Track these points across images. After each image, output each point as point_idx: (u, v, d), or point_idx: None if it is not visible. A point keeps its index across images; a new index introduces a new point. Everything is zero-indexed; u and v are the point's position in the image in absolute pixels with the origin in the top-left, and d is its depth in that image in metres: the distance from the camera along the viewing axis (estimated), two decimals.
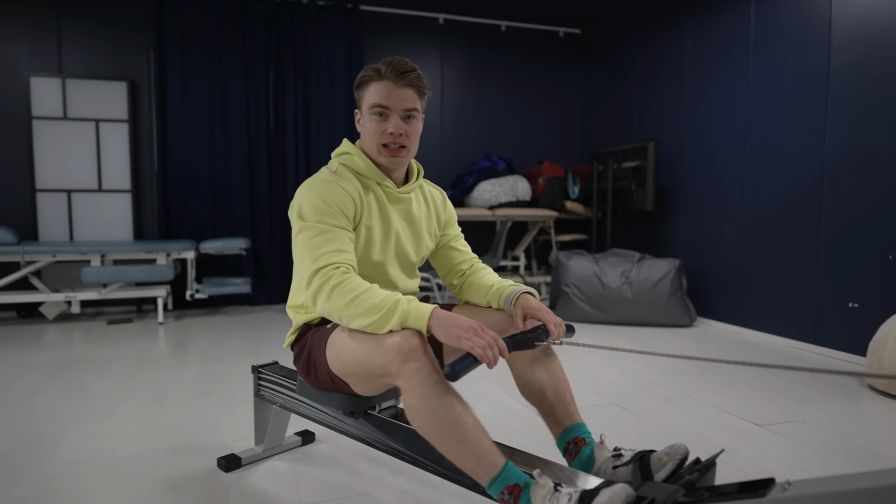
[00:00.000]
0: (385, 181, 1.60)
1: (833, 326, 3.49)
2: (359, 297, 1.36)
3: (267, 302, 5.24)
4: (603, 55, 5.73)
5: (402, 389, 1.30)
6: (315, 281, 1.42)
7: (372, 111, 1.55)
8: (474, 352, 1.24)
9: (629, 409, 2.58)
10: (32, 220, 4.73)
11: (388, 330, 1.33)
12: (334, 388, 1.58)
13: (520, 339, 1.39)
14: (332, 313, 1.40)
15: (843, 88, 3.39)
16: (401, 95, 1.53)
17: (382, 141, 1.56)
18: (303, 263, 1.46)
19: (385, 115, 1.54)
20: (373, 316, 1.34)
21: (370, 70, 1.56)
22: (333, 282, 1.40)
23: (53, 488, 1.81)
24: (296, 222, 1.51)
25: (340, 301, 1.38)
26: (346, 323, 1.39)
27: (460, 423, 1.25)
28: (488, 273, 1.75)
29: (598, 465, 1.44)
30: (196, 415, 2.47)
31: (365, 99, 1.57)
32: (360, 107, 1.61)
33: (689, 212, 4.62)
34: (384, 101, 1.53)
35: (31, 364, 3.26)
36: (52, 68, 4.73)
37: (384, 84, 1.53)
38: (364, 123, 1.59)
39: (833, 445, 2.20)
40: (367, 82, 1.56)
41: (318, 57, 5.25)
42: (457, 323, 1.29)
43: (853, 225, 3.36)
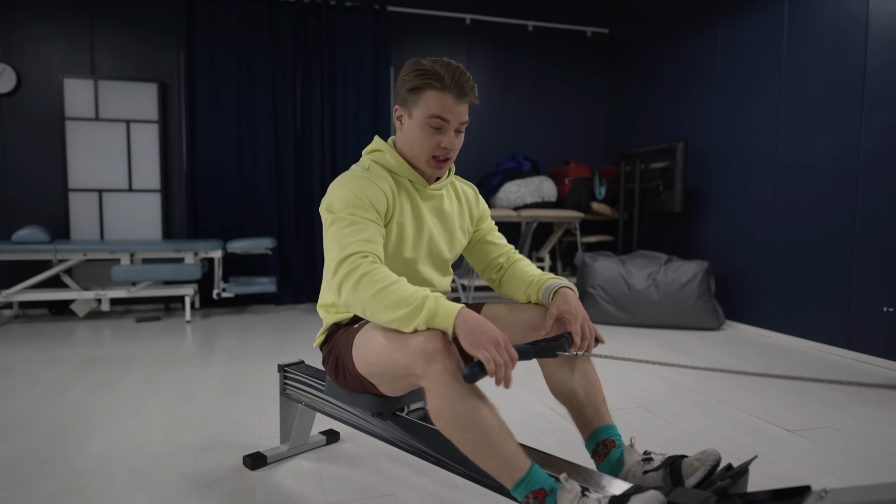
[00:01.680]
0: (417, 179, 1.58)
1: (866, 331, 3.40)
2: (386, 289, 1.32)
3: (292, 301, 5.27)
4: (631, 55, 5.67)
5: (427, 391, 1.29)
6: (342, 269, 1.38)
7: (429, 122, 1.48)
8: (487, 366, 1.20)
9: (656, 412, 2.54)
10: (65, 220, 4.82)
11: (413, 328, 1.29)
12: (362, 388, 1.56)
13: (542, 346, 1.35)
14: (357, 304, 1.35)
15: (880, 87, 3.31)
16: (460, 110, 1.49)
17: (434, 153, 1.52)
18: (330, 253, 1.42)
19: (442, 128, 1.49)
20: (400, 310, 1.30)
21: (429, 76, 1.47)
22: (361, 271, 1.35)
23: (83, 483, 1.84)
24: (326, 216, 1.48)
25: (367, 291, 1.33)
26: (371, 316, 1.34)
27: (485, 426, 1.23)
28: (526, 265, 1.71)
29: (627, 469, 1.41)
30: (222, 413, 2.49)
31: (420, 106, 1.49)
32: (406, 107, 1.53)
33: (719, 213, 4.55)
34: (444, 115, 1.47)
35: (62, 360, 3.31)
36: (84, 70, 4.82)
37: (446, 96, 1.47)
38: (413, 130, 1.52)
39: (867, 453, 2.14)
40: (425, 89, 1.48)
41: (345, 58, 5.27)
42: (482, 329, 1.24)
43: (888, 227, 3.27)
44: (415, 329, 1.30)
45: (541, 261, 5.72)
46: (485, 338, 1.23)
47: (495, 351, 1.21)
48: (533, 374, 3.06)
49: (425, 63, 1.49)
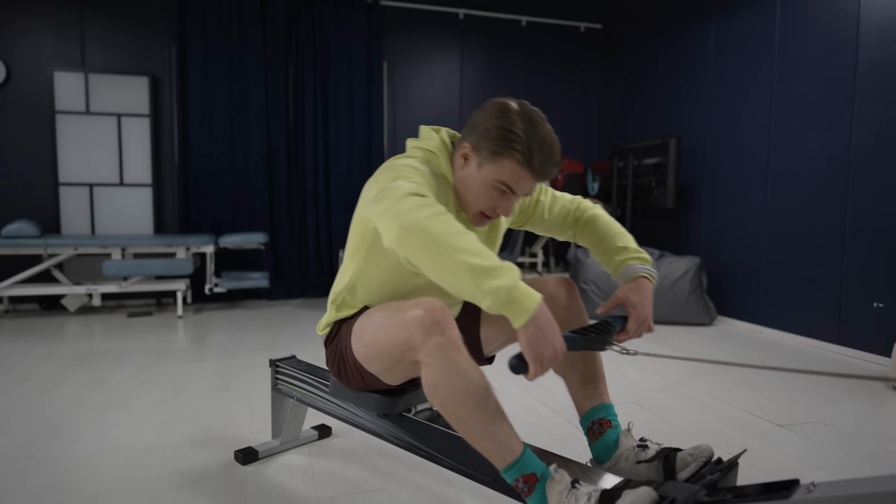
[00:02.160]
0: (461, 213, 1.47)
1: (857, 326, 3.43)
2: (468, 234, 1.15)
3: (285, 297, 5.26)
4: (625, 51, 5.67)
5: (423, 364, 1.24)
6: (414, 198, 1.19)
7: (496, 185, 1.37)
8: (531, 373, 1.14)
9: (648, 407, 2.55)
10: (55, 214, 4.79)
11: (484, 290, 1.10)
12: (365, 385, 1.51)
13: (592, 338, 1.27)
14: (427, 234, 1.13)
15: (872, 85, 3.32)
16: (532, 187, 1.40)
17: (485, 210, 1.42)
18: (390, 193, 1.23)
19: (506, 195, 1.39)
20: (480, 259, 1.11)
21: (518, 148, 1.33)
22: (439, 209, 1.18)
23: (73, 479, 1.83)
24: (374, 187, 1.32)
25: (444, 226, 1.14)
26: (437, 252, 1.12)
27: (482, 405, 1.21)
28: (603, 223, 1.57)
29: (621, 452, 1.42)
30: (214, 408, 2.48)
31: (493, 167, 1.36)
32: (479, 154, 1.38)
33: (711, 209, 4.56)
34: (514, 187, 1.37)
35: (53, 355, 3.30)
36: (75, 63, 4.78)
37: (527, 174, 1.36)
38: (476, 182, 1.39)
39: (856, 447, 2.15)
40: (507, 155, 1.34)
41: (338, 52, 5.25)
42: (549, 340, 1.13)
43: (879, 224, 3.29)
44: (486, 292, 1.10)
45: (534, 256, 5.73)
46: (547, 350, 1.13)
47: (547, 363, 1.14)
48: None
49: (518, 125, 1.34)
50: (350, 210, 5.37)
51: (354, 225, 1.47)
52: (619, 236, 1.54)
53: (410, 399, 1.57)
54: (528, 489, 1.19)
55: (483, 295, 1.10)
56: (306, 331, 4.00)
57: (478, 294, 1.11)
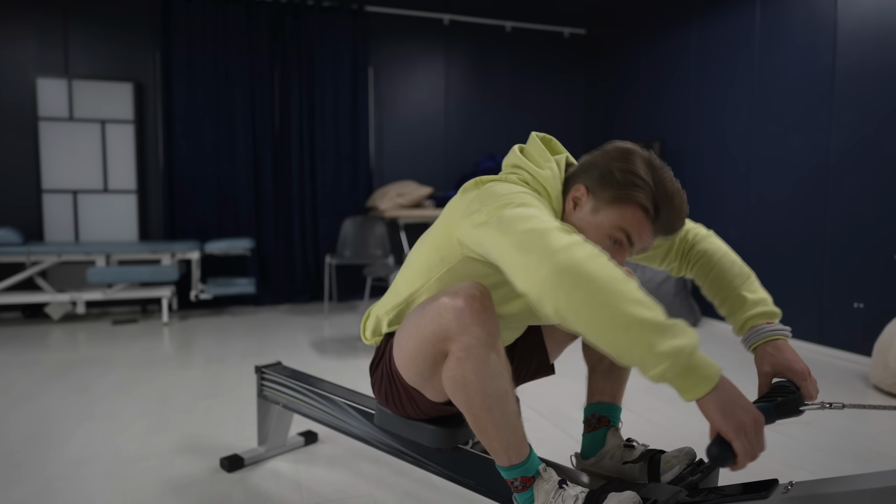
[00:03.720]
0: None
1: (838, 327, 3.47)
2: (633, 283, 0.99)
3: (271, 302, 5.24)
4: (608, 55, 5.72)
5: (455, 358, 1.16)
6: (568, 237, 1.03)
7: (613, 234, 1.21)
8: (741, 459, 0.95)
9: (632, 409, 2.57)
10: (38, 221, 4.75)
11: (664, 350, 0.93)
12: (413, 409, 1.38)
13: (782, 405, 1.12)
14: (585, 279, 0.96)
15: (849, 88, 3.38)
16: (651, 239, 1.24)
17: None
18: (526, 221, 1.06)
19: (621, 246, 1.23)
20: (650, 312, 0.95)
21: (645, 189, 1.19)
22: (596, 249, 1.02)
23: (57, 488, 1.82)
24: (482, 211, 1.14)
25: (614, 271, 0.98)
26: (601, 301, 0.95)
27: (507, 411, 1.17)
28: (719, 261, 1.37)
29: (606, 449, 1.43)
30: (199, 415, 2.47)
31: (615, 214, 1.20)
32: (597, 197, 1.22)
33: (694, 212, 4.61)
34: (634, 237, 1.21)
35: (36, 364, 3.27)
36: (58, 69, 4.75)
37: (649, 226, 1.21)
38: (592, 226, 1.22)
39: (838, 446, 2.18)
40: (631, 203, 1.20)
41: (324, 58, 5.25)
42: (742, 405, 0.95)
43: (858, 225, 3.34)
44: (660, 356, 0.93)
45: None
46: (747, 418, 0.94)
47: (754, 437, 0.95)
48: None
49: (644, 171, 1.20)
50: (337, 215, 5.36)
51: (434, 244, 1.28)
52: (740, 279, 1.35)
53: (469, 431, 1.39)
54: (523, 487, 1.20)
55: (658, 358, 0.93)
56: (292, 337, 3.99)
57: (649, 357, 0.93)
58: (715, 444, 0.96)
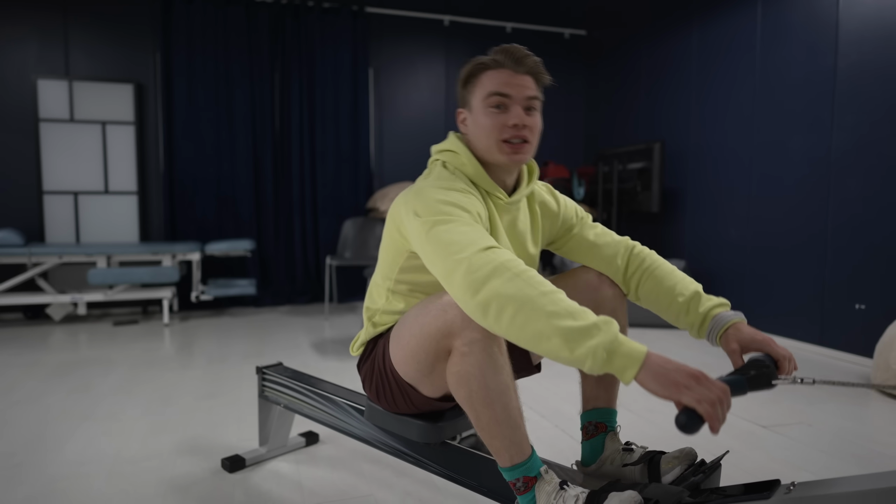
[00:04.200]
0: (496, 191, 1.37)
1: (839, 327, 3.47)
2: (555, 294, 1.05)
3: (272, 304, 5.25)
4: (608, 56, 5.72)
5: (458, 353, 1.18)
6: (484, 260, 1.09)
7: (488, 102, 1.33)
8: (700, 408, 0.96)
9: (633, 409, 2.57)
10: (39, 222, 4.75)
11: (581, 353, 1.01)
12: (406, 405, 1.40)
13: (755, 376, 1.12)
14: (507, 303, 1.04)
15: (850, 89, 3.38)
16: (521, 83, 1.33)
17: (503, 136, 1.32)
18: (450, 249, 1.13)
19: (505, 105, 1.32)
20: (572, 321, 1.02)
21: (482, 60, 1.36)
22: (521, 267, 1.09)
23: (59, 488, 1.81)
24: (418, 222, 1.22)
25: (530, 289, 1.05)
26: (521, 323, 1.04)
27: (509, 407, 1.20)
28: (668, 270, 1.44)
29: (606, 455, 1.43)
30: (201, 416, 2.47)
31: (477, 91, 1.35)
32: (467, 104, 1.39)
33: (695, 213, 4.61)
34: (504, 89, 1.32)
35: (38, 365, 3.27)
36: (59, 71, 4.76)
37: (502, 72, 1.33)
38: (477, 119, 1.35)
39: (839, 447, 2.18)
40: (479, 73, 1.36)
41: (324, 59, 5.26)
42: (674, 366, 1.00)
43: (860, 226, 3.34)
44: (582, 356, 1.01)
45: None
46: (681, 374, 0.99)
47: (702, 388, 0.98)
48: None
49: (477, 56, 1.40)
50: (337, 216, 5.37)
51: (385, 247, 1.38)
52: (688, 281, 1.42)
53: (457, 426, 1.44)
54: (525, 489, 1.20)
55: (581, 360, 1.01)
56: (293, 338, 3.99)
57: (573, 360, 1.02)
58: (681, 414, 0.98)
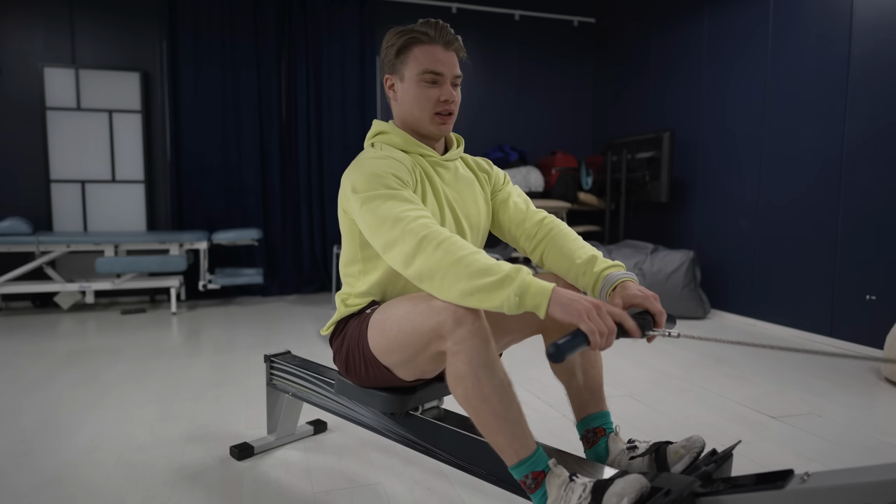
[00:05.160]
0: (426, 150, 1.50)
1: (850, 319, 3.45)
2: (470, 256, 1.19)
3: (279, 293, 5.25)
4: (618, 44, 5.67)
5: (450, 353, 1.23)
6: (410, 235, 1.24)
7: (423, 77, 1.43)
8: (592, 336, 1.11)
9: (643, 400, 2.56)
10: (47, 211, 4.76)
11: (500, 302, 1.16)
12: (374, 381, 1.49)
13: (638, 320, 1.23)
14: (434, 273, 1.21)
15: (864, 78, 3.33)
16: (450, 61, 1.45)
17: (436, 109, 1.46)
18: (384, 226, 1.28)
19: (438, 82, 1.44)
20: (486, 277, 1.16)
21: (412, 32, 1.44)
22: (441, 236, 1.23)
23: (68, 475, 1.82)
24: (354, 198, 1.36)
25: (449, 256, 1.20)
26: (448, 287, 1.20)
27: (505, 399, 1.21)
28: (568, 236, 1.54)
29: (612, 457, 1.42)
30: (209, 404, 2.48)
31: (410, 64, 1.44)
32: (397, 72, 1.48)
33: (704, 203, 4.57)
34: (437, 68, 1.43)
35: (46, 353, 3.28)
36: (65, 59, 4.75)
37: (435, 48, 1.43)
38: (409, 91, 1.46)
39: (849, 438, 2.17)
40: (411, 46, 1.44)
41: (331, 47, 5.23)
42: (578, 298, 1.14)
43: (872, 216, 3.30)
44: (500, 304, 1.16)
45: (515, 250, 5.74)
46: (582, 305, 1.13)
47: (599, 318, 1.13)
48: (520, 363, 3.08)
49: (400, 27, 1.47)
50: None
51: (343, 226, 1.51)
52: (588, 248, 1.52)
53: (420, 397, 1.52)
54: (536, 485, 1.20)
55: (498, 306, 1.17)
56: (301, 327, 3.99)
57: (495, 308, 1.17)
58: (558, 341, 1.10)
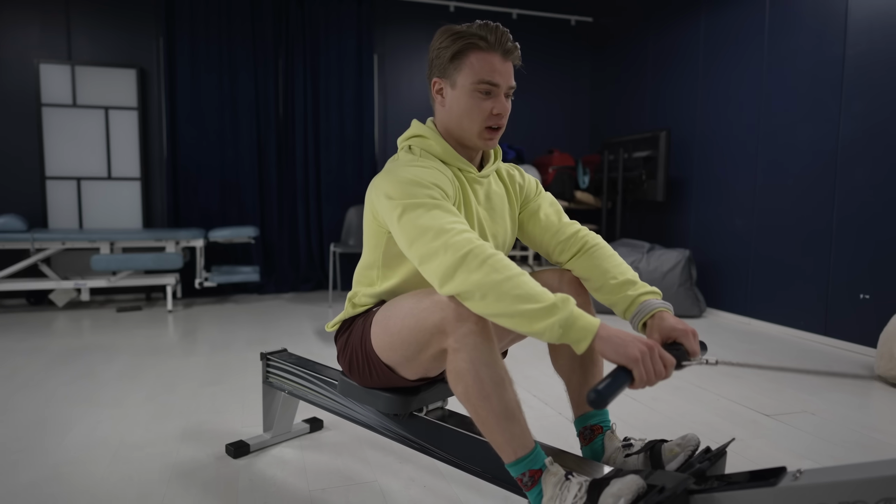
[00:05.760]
0: (465, 164, 1.43)
1: (843, 318, 3.46)
2: (517, 278, 1.15)
3: (276, 291, 5.25)
4: (615, 44, 5.68)
5: (451, 350, 1.22)
6: (454, 249, 1.18)
7: (478, 87, 1.35)
8: (640, 383, 1.09)
9: (638, 399, 2.57)
10: (42, 208, 4.75)
11: (541, 329, 1.12)
12: (378, 382, 1.47)
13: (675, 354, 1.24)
14: (476, 290, 1.15)
15: (859, 77, 3.34)
16: (507, 71, 1.36)
17: (487, 123, 1.38)
18: (424, 237, 1.22)
19: (492, 93, 1.36)
20: (532, 303, 1.12)
21: (471, 37, 1.34)
22: (486, 252, 1.17)
23: (63, 473, 1.82)
24: (390, 204, 1.28)
25: (495, 275, 1.14)
26: (488, 305, 1.15)
27: (504, 397, 1.21)
28: (608, 254, 1.49)
29: (608, 455, 1.43)
30: (205, 402, 2.48)
31: (465, 72, 1.35)
32: (448, 77, 1.39)
33: (700, 202, 4.59)
34: (494, 78, 1.34)
35: (41, 351, 3.28)
36: (61, 55, 4.74)
37: (493, 57, 1.34)
38: (460, 100, 1.37)
39: (842, 436, 2.18)
40: (468, 51, 1.35)
41: (328, 45, 5.22)
42: (632, 340, 1.11)
43: (865, 216, 3.32)
44: (540, 332, 1.13)
45: (525, 249, 5.74)
46: (637, 347, 1.10)
47: (650, 361, 1.10)
48: (519, 363, 3.08)
49: (462, 27, 1.37)
50: (341, 204, 5.36)
51: (368, 231, 1.44)
52: (626, 268, 1.48)
53: (424, 398, 1.51)
54: (533, 483, 1.20)
55: (538, 333, 1.13)
56: (297, 325, 3.99)
57: (533, 334, 1.14)
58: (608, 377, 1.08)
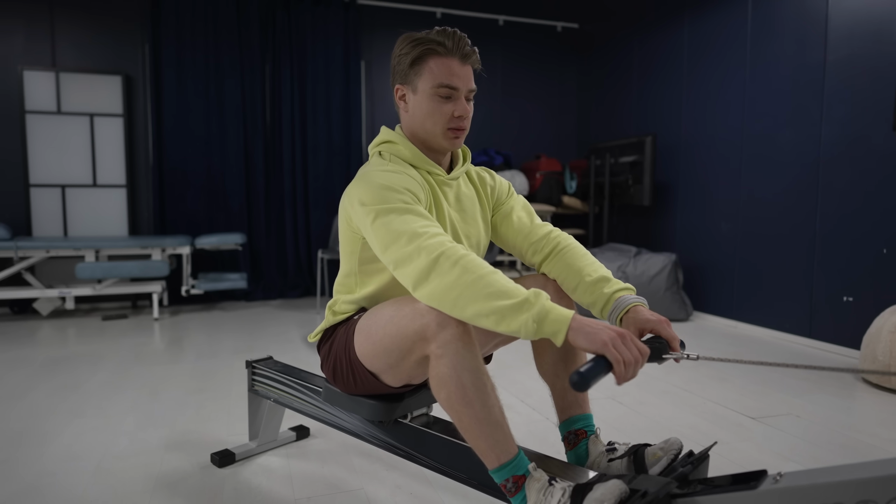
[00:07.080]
0: (434, 167, 1.46)
1: (827, 320, 3.49)
2: (488, 276, 1.16)
3: (263, 298, 5.23)
4: (601, 50, 5.71)
5: (434, 357, 1.22)
6: (427, 252, 1.20)
7: (437, 91, 1.38)
8: (618, 366, 1.10)
9: (624, 402, 2.57)
10: (26, 216, 4.71)
11: (516, 326, 1.13)
12: (361, 388, 1.47)
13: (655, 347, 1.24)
14: (449, 291, 1.17)
15: (840, 83, 3.39)
16: (467, 75, 1.40)
17: (449, 125, 1.41)
18: (398, 242, 1.24)
19: (452, 96, 1.39)
20: (504, 300, 1.14)
21: (428, 43, 1.37)
22: (459, 253, 1.19)
23: (46, 484, 1.80)
24: (363, 210, 1.31)
25: (467, 275, 1.16)
26: (463, 305, 1.16)
27: (488, 403, 1.21)
28: (580, 253, 1.50)
29: (592, 459, 1.43)
30: (190, 410, 2.46)
31: (425, 76, 1.39)
32: (409, 83, 1.42)
33: (686, 206, 4.62)
34: (453, 82, 1.38)
35: (25, 360, 3.24)
36: (45, 62, 4.71)
37: (451, 61, 1.38)
38: (422, 104, 1.41)
39: (826, 438, 2.20)
40: (427, 57, 1.38)
41: (315, 51, 5.22)
42: (603, 328, 1.12)
43: (848, 219, 3.35)
44: (516, 329, 1.14)
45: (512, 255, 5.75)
46: (607, 334, 1.11)
47: (624, 348, 1.11)
48: (504, 367, 3.08)
49: (421, 33, 1.40)
50: (329, 210, 5.35)
51: (343, 239, 1.46)
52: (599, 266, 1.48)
53: (408, 404, 1.51)
54: (516, 489, 1.20)
55: (514, 331, 1.14)
56: (284, 332, 3.98)
57: (510, 332, 1.15)
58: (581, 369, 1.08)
